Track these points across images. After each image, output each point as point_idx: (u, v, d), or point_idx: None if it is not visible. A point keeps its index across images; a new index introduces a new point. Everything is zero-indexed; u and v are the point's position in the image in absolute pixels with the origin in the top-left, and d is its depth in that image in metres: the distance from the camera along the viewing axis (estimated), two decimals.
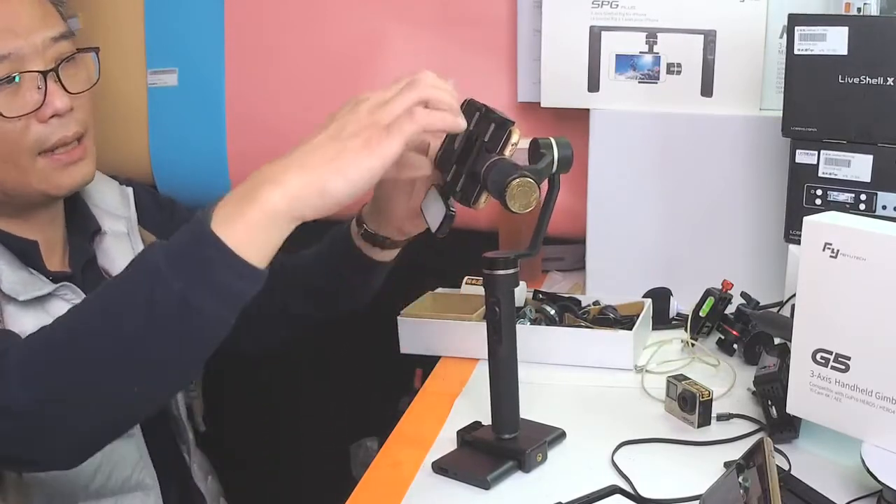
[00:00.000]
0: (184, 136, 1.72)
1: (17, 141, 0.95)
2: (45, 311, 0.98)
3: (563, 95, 1.48)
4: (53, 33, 0.98)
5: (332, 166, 0.81)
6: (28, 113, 0.95)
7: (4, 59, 0.93)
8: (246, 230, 0.79)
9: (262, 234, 0.79)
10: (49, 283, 0.99)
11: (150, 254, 0.80)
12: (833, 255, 0.91)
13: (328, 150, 0.82)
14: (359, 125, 0.83)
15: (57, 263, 1.06)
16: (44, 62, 0.96)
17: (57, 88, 0.97)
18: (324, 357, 1.76)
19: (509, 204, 0.88)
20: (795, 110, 1.23)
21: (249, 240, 0.79)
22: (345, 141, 0.82)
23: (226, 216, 0.79)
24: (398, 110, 0.83)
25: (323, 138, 0.83)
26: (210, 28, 1.67)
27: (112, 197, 1.15)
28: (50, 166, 0.98)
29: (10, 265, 0.98)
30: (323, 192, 0.80)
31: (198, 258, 0.78)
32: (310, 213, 0.81)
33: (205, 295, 0.78)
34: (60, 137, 0.98)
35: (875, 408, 0.90)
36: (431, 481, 0.97)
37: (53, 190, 1.00)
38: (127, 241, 1.13)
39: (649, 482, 0.93)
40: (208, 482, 1.22)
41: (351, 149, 0.81)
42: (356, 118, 0.84)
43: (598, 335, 1.24)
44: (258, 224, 0.79)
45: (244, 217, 0.79)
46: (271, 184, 0.80)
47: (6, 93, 0.94)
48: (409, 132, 0.83)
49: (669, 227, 1.44)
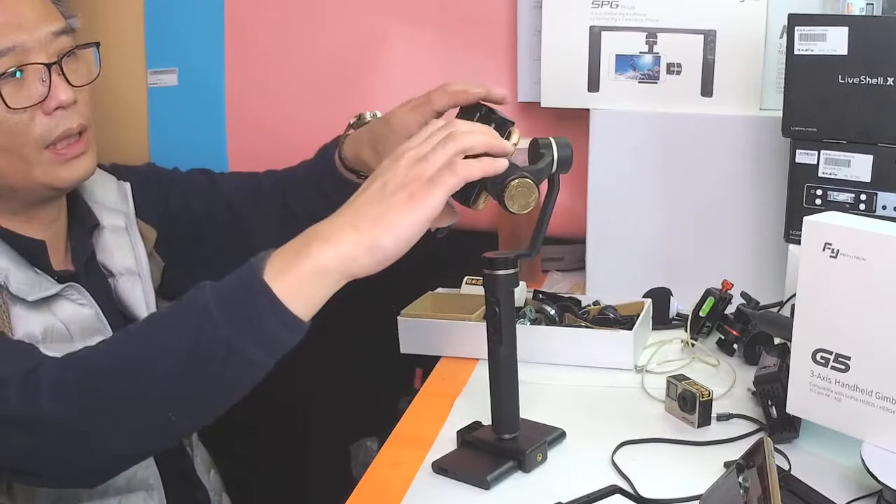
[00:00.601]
0: (184, 136, 1.72)
1: (23, 133, 0.97)
2: (51, 311, 0.98)
3: (563, 95, 1.48)
4: (55, 28, 0.99)
5: (381, 224, 0.83)
6: (33, 105, 0.96)
7: (9, 52, 0.94)
8: (296, 284, 0.81)
9: (312, 289, 0.82)
10: (55, 284, 1.00)
11: (201, 294, 0.82)
12: (833, 255, 0.91)
13: (375, 208, 0.84)
14: (402, 180, 0.85)
15: (60, 261, 1.06)
16: (47, 56, 0.97)
17: (61, 81, 0.98)
18: (324, 357, 1.76)
19: (508, 205, 0.88)
20: (795, 110, 1.23)
21: (298, 293, 0.81)
22: (390, 198, 0.84)
23: (278, 268, 0.81)
24: (439, 163, 0.86)
25: (369, 196, 0.86)
26: (210, 28, 1.67)
27: (110, 192, 1.16)
28: (54, 160, 1.00)
29: (18, 265, 0.98)
30: (373, 250, 0.83)
31: (247, 306, 0.80)
32: (359, 271, 0.84)
33: (250, 342, 0.80)
34: (65, 129, 0.99)
35: (875, 408, 0.90)
36: (431, 481, 0.97)
37: (57, 183, 1.01)
38: (125, 235, 1.13)
39: (649, 482, 0.93)
40: (211, 476, 1.22)
41: (396, 205, 0.84)
42: (398, 174, 0.86)
43: (598, 335, 1.24)
44: (308, 279, 0.81)
45: (296, 271, 0.81)
46: (324, 242, 0.82)
47: (11, 85, 0.95)
48: (451, 185, 0.85)
49: (669, 227, 1.44)
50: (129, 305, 1.10)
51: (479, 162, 0.87)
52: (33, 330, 0.96)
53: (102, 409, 0.82)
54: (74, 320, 1.00)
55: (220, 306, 0.80)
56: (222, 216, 1.24)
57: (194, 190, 1.25)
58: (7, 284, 0.96)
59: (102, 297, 1.06)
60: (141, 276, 1.12)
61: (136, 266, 1.12)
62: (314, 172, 1.21)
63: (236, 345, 0.79)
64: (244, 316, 0.80)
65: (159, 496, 1.07)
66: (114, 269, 1.11)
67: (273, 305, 0.80)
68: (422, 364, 1.34)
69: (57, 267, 1.04)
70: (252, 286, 0.81)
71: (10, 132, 0.96)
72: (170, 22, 1.68)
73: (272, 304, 0.80)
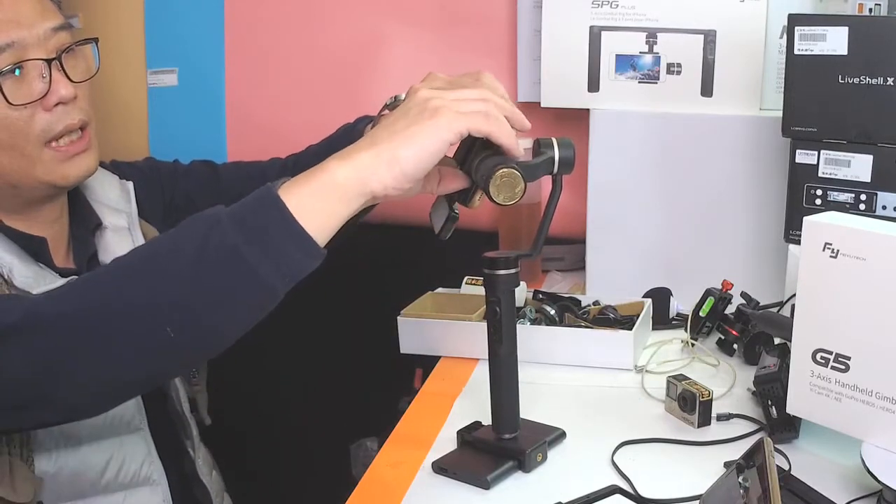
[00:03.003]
0: (184, 136, 1.72)
1: (24, 130, 0.97)
2: None
3: (563, 95, 1.48)
4: (53, 24, 0.99)
5: (400, 136, 0.81)
6: (34, 101, 0.97)
7: (8, 48, 0.95)
8: (310, 199, 0.78)
9: (327, 205, 0.79)
10: (59, 278, 1.00)
11: (214, 210, 0.79)
12: (833, 255, 0.91)
13: (397, 124, 0.82)
14: (430, 103, 0.83)
15: (62, 260, 1.07)
16: (46, 52, 0.98)
17: (61, 77, 0.98)
18: (324, 357, 1.77)
19: (493, 194, 0.87)
20: (795, 110, 1.23)
21: (312, 209, 0.78)
22: (413, 116, 0.82)
23: (293, 186, 0.79)
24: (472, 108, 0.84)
25: (391, 119, 0.84)
26: (210, 28, 1.67)
27: (112, 191, 1.16)
28: (56, 157, 1.00)
29: (22, 260, 0.99)
30: (391, 162, 0.80)
31: (259, 217, 0.77)
32: (378, 187, 0.81)
33: (259, 255, 0.76)
34: (66, 125, 0.99)
35: (875, 408, 0.90)
36: (431, 481, 0.97)
37: (59, 180, 1.01)
38: (127, 235, 1.13)
39: (649, 482, 0.93)
40: (212, 477, 1.22)
41: (418, 121, 0.82)
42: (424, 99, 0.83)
43: (598, 335, 1.24)
44: (323, 195, 0.79)
45: (310, 187, 0.79)
46: (339, 159, 0.81)
47: (11, 82, 0.95)
48: (477, 123, 0.84)
49: (669, 227, 1.44)
50: None
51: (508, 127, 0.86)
52: None
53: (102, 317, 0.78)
54: None
55: (231, 217, 0.77)
56: None
57: (198, 183, 1.25)
58: (11, 278, 0.96)
59: None
60: None
61: None
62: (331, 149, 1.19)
63: (245, 254, 0.76)
64: (254, 226, 0.77)
65: (163, 492, 1.07)
66: None
67: (284, 218, 0.77)
68: (422, 364, 1.34)
69: (59, 265, 1.04)
70: (265, 200, 0.78)
71: (10, 129, 0.96)
72: (170, 22, 1.68)
73: (284, 216, 0.77)
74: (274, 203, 0.78)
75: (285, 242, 0.77)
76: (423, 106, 0.83)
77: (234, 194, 1.23)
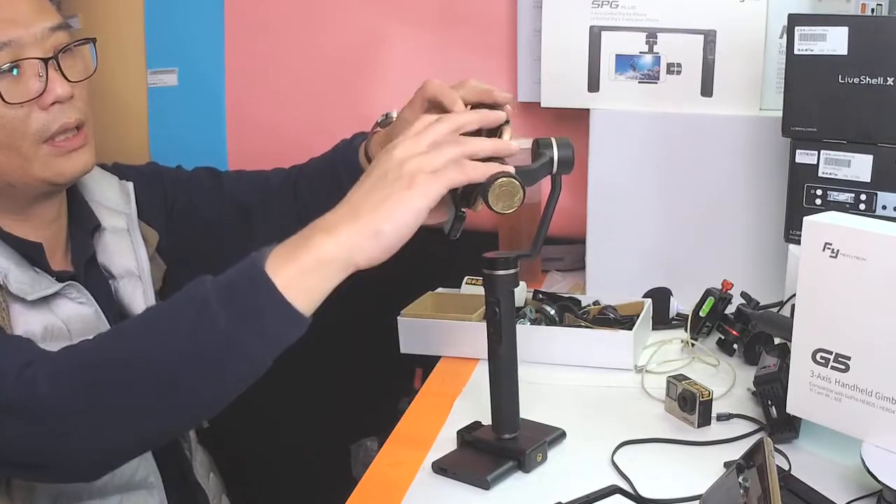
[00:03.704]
0: (184, 136, 1.72)
1: (20, 129, 0.97)
2: (50, 310, 0.98)
3: (563, 95, 1.48)
4: (51, 24, 0.99)
5: (381, 210, 0.83)
6: (30, 100, 0.96)
7: (5, 47, 0.95)
8: (297, 275, 0.80)
9: (313, 280, 0.81)
10: (55, 283, 1.00)
11: (200, 287, 0.81)
12: (833, 255, 0.91)
13: (374, 196, 0.84)
14: (405, 169, 0.85)
15: (59, 262, 1.06)
16: (43, 51, 0.98)
17: (57, 76, 0.98)
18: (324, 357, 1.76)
19: (492, 203, 0.88)
20: (795, 110, 1.23)
21: (299, 285, 0.80)
22: (390, 185, 0.85)
23: (279, 261, 0.80)
24: (445, 159, 0.86)
25: (368, 187, 0.86)
26: (210, 28, 1.67)
27: (112, 192, 1.16)
28: (52, 153, 1.00)
29: (18, 265, 0.98)
30: (375, 237, 0.83)
31: (247, 296, 0.79)
32: (362, 260, 0.83)
33: (249, 334, 0.79)
34: (62, 124, 0.99)
35: (875, 408, 0.90)
36: (431, 481, 0.97)
37: (56, 177, 1.01)
38: (126, 237, 1.13)
39: (649, 482, 0.93)
40: (210, 479, 1.22)
41: (396, 191, 0.84)
42: (399, 163, 0.86)
43: (598, 335, 1.24)
44: (310, 270, 0.81)
45: (296, 263, 0.80)
46: (324, 233, 0.82)
47: (8, 81, 0.95)
48: (455, 181, 0.86)
49: (669, 227, 1.44)
50: (130, 308, 1.10)
51: (486, 166, 0.88)
52: (33, 328, 0.96)
53: (98, 397, 0.81)
54: (74, 319, 1.00)
55: (220, 298, 0.79)
56: (230, 216, 1.23)
57: (201, 191, 1.25)
58: (7, 284, 0.96)
59: (103, 299, 1.06)
60: (142, 279, 1.12)
61: (136, 268, 1.12)
62: (331, 165, 1.20)
63: (235, 337, 0.78)
64: (244, 307, 0.79)
65: (160, 495, 1.07)
66: (114, 271, 1.10)
67: (273, 297, 0.79)
68: (422, 364, 1.34)
69: (56, 267, 1.04)
70: (252, 277, 0.80)
71: (7, 127, 0.96)
72: (170, 22, 1.68)
73: (272, 295, 0.79)
74: (264, 283, 0.79)
75: (276, 321, 0.80)
76: (398, 173, 0.85)
77: (236, 203, 1.23)
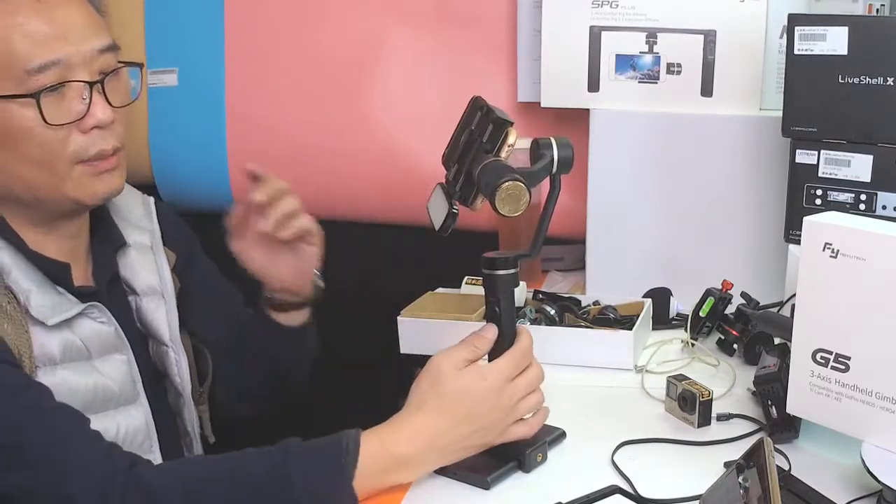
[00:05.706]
0: (184, 136, 1.72)
1: (57, 149, 0.95)
2: (70, 329, 0.97)
3: (563, 95, 1.48)
4: (101, 45, 0.97)
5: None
6: (71, 122, 0.95)
7: (54, 66, 0.93)
8: (372, 480, 0.92)
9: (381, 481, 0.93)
10: (76, 304, 0.98)
11: (286, 467, 0.92)
12: (833, 255, 0.91)
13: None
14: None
15: (80, 277, 1.04)
16: (89, 73, 0.96)
17: (101, 100, 0.96)
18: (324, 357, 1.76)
19: (498, 207, 0.88)
20: (795, 110, 1.23)
21: (369, 485, 0.92)
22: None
23: (364, 479, 0.91)
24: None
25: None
26: (210, 28, 1.67)
27: (136, 208, 1.14)
28: (85, 173, 0.98)
29: (40, 287, 0.96)
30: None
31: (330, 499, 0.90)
32: None
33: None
34: (99, 150, 0.97)
35: (875, 408, 0.90)
36: (431, 481, 0.97)
37: (87, 198, 0.99)
38: (150, 254, 1.11)
39: (649, 482, 0.93)
40: None
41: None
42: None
43: (598, 335, 1.24)
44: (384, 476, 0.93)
45: (377, 485, 0.93)
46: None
47: (51, 100, 0.93)
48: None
49: (669, 227, 1.44)
50: (151, 325, 1.09)
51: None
52: (52, 350, 0.95)
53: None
54: (93, 338, 0.99)
55: (305, 491, 0.89)
56: None
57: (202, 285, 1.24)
58: (28, 306, 0.94)
59: (123, 315, 1.05)
60: (164, 297, 1.10)
61: (159, 285, 1.10)
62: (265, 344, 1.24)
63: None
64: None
65: None
66: (137, 288, 1.09)
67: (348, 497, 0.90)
68: (422, 364, 1.34)
69: (77, 283, 1.02)
70: (340, 488, 0.90)
71: (44, 146, 0.94)
72: (170, 22, 1.68)
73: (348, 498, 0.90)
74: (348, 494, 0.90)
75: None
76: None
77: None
